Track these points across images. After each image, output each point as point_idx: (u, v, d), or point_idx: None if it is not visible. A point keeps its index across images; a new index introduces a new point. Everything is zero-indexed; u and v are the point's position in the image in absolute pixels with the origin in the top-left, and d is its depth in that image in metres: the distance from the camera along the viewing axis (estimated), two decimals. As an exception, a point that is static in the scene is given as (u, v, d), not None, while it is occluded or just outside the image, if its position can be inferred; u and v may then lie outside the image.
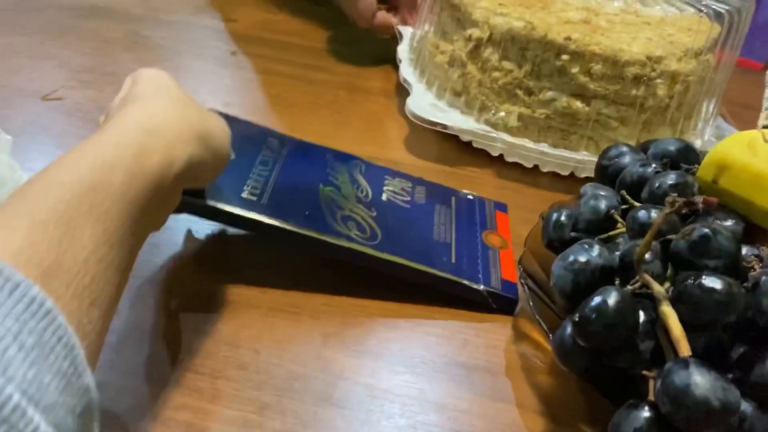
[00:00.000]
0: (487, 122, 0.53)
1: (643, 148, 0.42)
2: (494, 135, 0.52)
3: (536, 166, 0.53)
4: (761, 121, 0.51)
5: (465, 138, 0.53)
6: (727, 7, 0.52)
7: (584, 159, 0.51)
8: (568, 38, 0.48)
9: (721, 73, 0.54)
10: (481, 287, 0.39)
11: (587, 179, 0.49)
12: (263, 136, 0.44)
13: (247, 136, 0.43)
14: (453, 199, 0.46)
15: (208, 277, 0.39)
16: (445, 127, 0.52)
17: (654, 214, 0.32)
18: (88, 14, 0.69)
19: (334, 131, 0.55)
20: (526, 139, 0.51)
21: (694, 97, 0.52)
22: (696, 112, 0.54)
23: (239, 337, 0.36)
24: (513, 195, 0.50)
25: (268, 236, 0.38)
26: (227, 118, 0.44)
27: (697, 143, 0.55)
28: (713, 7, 0.52)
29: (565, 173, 0.52)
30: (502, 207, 0.47)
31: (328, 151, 0.46)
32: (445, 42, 0.56)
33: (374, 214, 0.41)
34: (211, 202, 0.37)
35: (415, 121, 0.52)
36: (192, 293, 0.38)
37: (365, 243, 0.39)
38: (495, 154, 0.53)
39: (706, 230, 0.29)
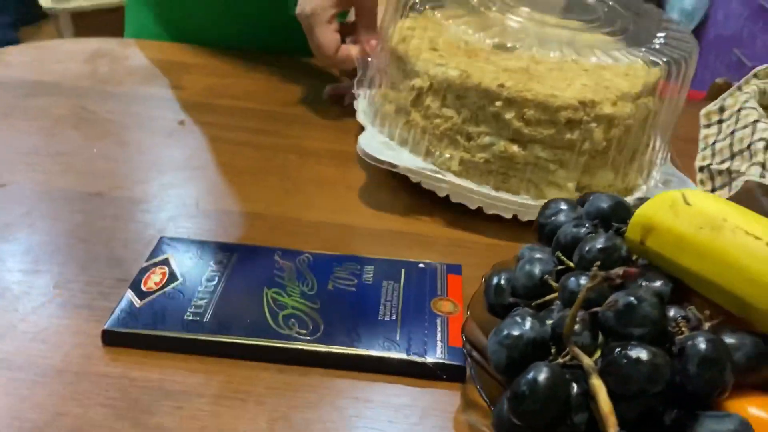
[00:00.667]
0: (433, 165, 0.54)
1: (582, 200, 0.43)
2: (441, 176, 0.53)
3: (481, 209, 0.54)
4: (697, 162, 0.52)
5: (414, 179, 0.55)
6: (664, 59, 0.53)
7: (526, 203, 0.52)
8: (501, 85, 0.49)
9: (666, 115, 0.56)
10: (427, 360, 0.39)
11: (530, 223, 0.50)
12: (212, 253, 0.46)
13: (195, 256, 0.46)
14: (403, 271, 0.46)
15: (150, 366, 0.39)
16: (393, 165, 0.53)
17: (583, 281, 0.33)
18: (36, 92, 0.69)
19: (284, 198, 0.55)
20: (470, 181, 0.53)
21: (635, 140, 0.53)
22: (640, 154, 0.55)
23: (185, 429, 0.35)
24: (463, 250, 0.51)
25: (211, 350, 0.40)
26: (173, 240, 0.47)
27: (642, 189, 0.56)
28: (651, 58, 0.53)
29: (508, 216, 0.53)
30: (454, 269, 0.48)
31: (276, 251, 0.47)
32: (393, 92, 0.57)
33: (318, 305, 0.42)
34: (154, 331, 0.39)
35: (366, 159, 0.53)
36: (133, 384, 0.38)
37: (306, 339, 0.40)
38: (442, 195, 0.54)
39: (631, 299, 0.30)
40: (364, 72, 0.62)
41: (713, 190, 0.51)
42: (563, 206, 0.42)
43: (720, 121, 0.55)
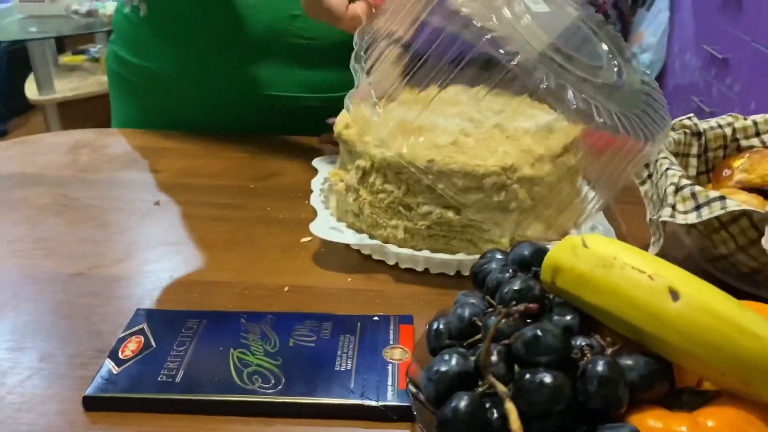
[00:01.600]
0: (381, 237, 0.60)
1: (513, 251, 0.48)
2: (385, 248, 0.59)
3: (428, 269, 0.59)
4: (647, 218, 0.57)
5: (365, 251, 0.61)
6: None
7: (465, 259, 0.58)
8: (430, 160, 0.55)
9: (601, 166, 0.61)
10: (379, 403, 0.43)
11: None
12: (183, 320, 0.51)
13: (167, 324, 0.51)
14: (359, 324, 0.51)
15: (127, 427, 0.43)
16: (346, 244, 0.60)
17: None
18: (20, 184, 0.74)
19: (250, 266, 0.60)
20: (411, 250, 0.59)
21: (561, 194, 0.59)
22: (569, 206, 0.60)
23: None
24: (414, 302, 0.56)
25: (183, 408, 0.44)
26: (150, 312, 0.52)
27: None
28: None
29: (452, 273, 0.58)
30: (406, 319, 0.52)
31: (242, 314, 0.52)
32: (343, 171, 0.63)
33: (279, 362, 0.47)
34: (131, 394, 0.44)
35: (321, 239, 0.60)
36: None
37: (269, 393, 0.44)
38: (391, 263, 0.60)
39: (536, 331, 0.35)
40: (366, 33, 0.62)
41: (659, 238, 0.55)
42: (497, 255, 0.47)
43: (649, 176, 0.60)
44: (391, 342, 0.49)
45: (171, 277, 0.58)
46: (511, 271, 0.43)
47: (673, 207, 0.51)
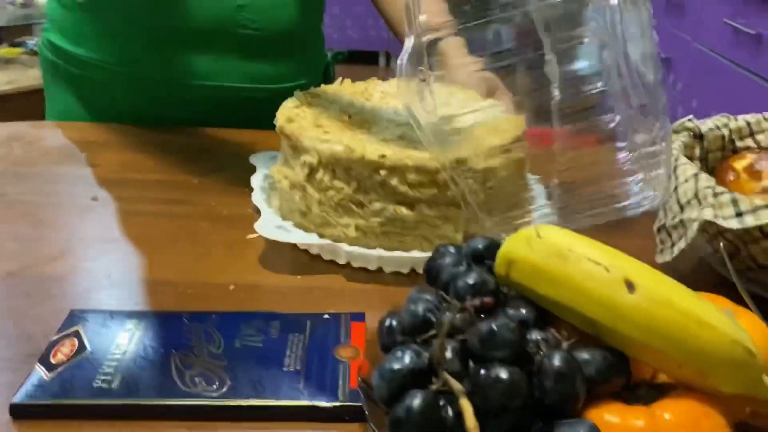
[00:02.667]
0: (331, 236, 0.57)
1: (467, 245, 0.47)
2: (336, 247, 0.56)
3: (381, 268, 0.57)
4: (654, 226, 0.56)
5: (314, 251, 0.58)
6: None
7: (419, 257, 0.56)
8: (383, 156, 0.53)
9: (547, 162, 0.61)
10: (330, 404, 0.42)
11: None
12: (121, 322, 0.48)
13: (104, 325, 0.48)
14: (309, 323, 0.49)
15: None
16: (293, 244, 0.57)
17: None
18: (-55, 179, 0.70)
19: (194, 263, 0.58)
20: (363, 247, 0.56)
21: (516, 188, 0.58)
22: (520, 202, 0.60)
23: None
24: (367, 300, 0.54)
25: (121, 414, 0.41)
26: (83, 312, 0.49)
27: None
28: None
29: (406, 271, 0.57)
30: (358, 317, 0.50)
31: (184, 315, 0.49)
32: (287, 168, 0.61)
33: (224, 363, 0.44)
34: (63, 400, 0.41)
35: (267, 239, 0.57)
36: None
37: (213, 395, 0.42)
38: (342, 262, 0.57)
39: (491, 325, 0.34)
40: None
41: (673, 245, 0.55)
42: (451, 250, 0.46)
43: None
44: (342, 340, 0.48)
45: (109, 276, 0.55)
46: (465, 265, 0.42)
47: (714, 207, 0.50)
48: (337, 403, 0.42)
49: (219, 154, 0.78)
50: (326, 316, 0.50)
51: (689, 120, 0.63)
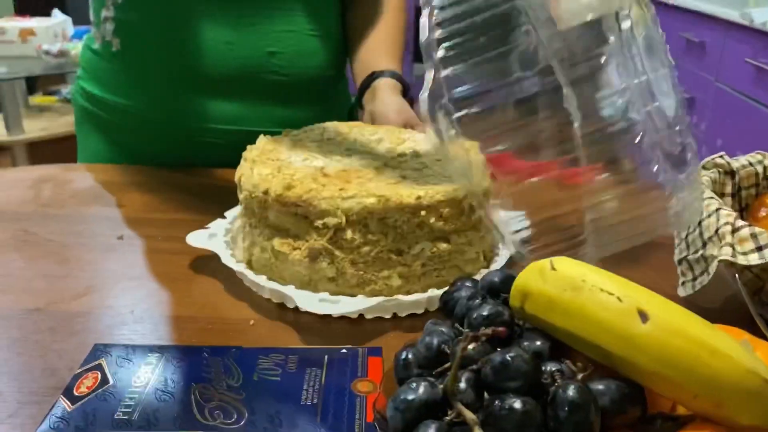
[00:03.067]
0: (372, 292, 0.56)
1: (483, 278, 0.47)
2: (385, 305, 0.55)
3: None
4: (675, 257, 0.56)
5: (369, 316, 0.56)
6: None
7: (433, 296, 0.56)
8: (419, 197, 0.54)
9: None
10: (345, 437, 0.42)
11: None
12: (143, 355, 0.49)
13: (127, 359, 0.48)
14: (326, 357, 0.49)
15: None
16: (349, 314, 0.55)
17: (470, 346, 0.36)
18: (-22, 219, 0.72)
19: (215, 299, 0.58)
20: (404, 294, 0.56)
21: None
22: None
23: None
24: (384, 336, 0.54)
25: None
26: (106, 347, 0.50)
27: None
28: None
29: (434, 308, 0.57)
30: (375, 351, 0.51)
31: (205, 349, 0.50)
32: (293, 241, 0.57)
33: (243, 396, 0.45)
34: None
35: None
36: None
37: (230, 428, 0.42)
38: (388, 316, 0.56)
39: (505, 356, 0.34)
40: None
41: (694, 279, 0.55)
42: (467, 283, 0.47)
43: None
44: (359, 374, 0.48)
45: (132, 312, 0.56)
46: (480, 298, 0.42)
47: (733, 246, 0.50)
48: (354, 437, 0.42)
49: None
50: (343, 350, 0.50)
51: (720, 156, 0.63)
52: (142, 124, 0.86)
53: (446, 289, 0.48)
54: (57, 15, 2.94)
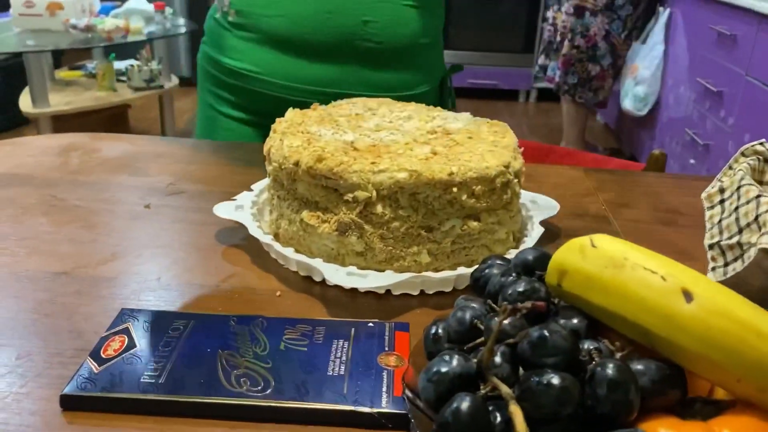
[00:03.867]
0: (400, 268, 0.56)
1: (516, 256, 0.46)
2: (413, 280, 0.55)
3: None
4: (706, 241, 0.55)
5: (396, 292, 0.56)
6: None
7: (463, 273, 0.56)
8: (451, 173, 0.53)
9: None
10: (373, 410, 0.41)
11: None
12: (169, 321, 0.49)
13: (153, 324, 0.49)
14: (353, 330, 0.49)
15: (106, 428, 0.41)
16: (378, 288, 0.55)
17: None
18: (6, 184, 0.72)
19: (242, 270, 0.58)
20: (433, 272, 0.55)
21: None
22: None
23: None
24: (411, 311, 0.54)
25: (166, 410, 0.42)
26: (133, 311, 0.50)
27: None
28: None
29: (462, 287, 0.57)
30: (402, 326, 0.50)
31: (233, 317, 0.50)
32: (321, 213, 0.56)
33: (269, 365, 0.45)
34: (111, 393, 0.41)
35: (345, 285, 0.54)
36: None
37: (256, 396, 0.42)
38: (415, 293, 0.56)
39: (543, 331, 0.33)
40: None
41: (726, 264, 0.53)
42: (497, 261, 0.46)
43: (722, 201, 0.58)
44: (386, 348, 0.47)
45: (158, 279, 0.56)
46: (514, 275, 0.41)
47: None
48: (381, 410, 0.41)
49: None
50: (370, 324, 0.50)
51: (760, 143, 0.62)
52: (250, 83, 0.93)
53: (477, 266, 0.47)
54: (84, -11, 2.95)
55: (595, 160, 1.02)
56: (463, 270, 0.55)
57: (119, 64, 3.02)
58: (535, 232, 0.61)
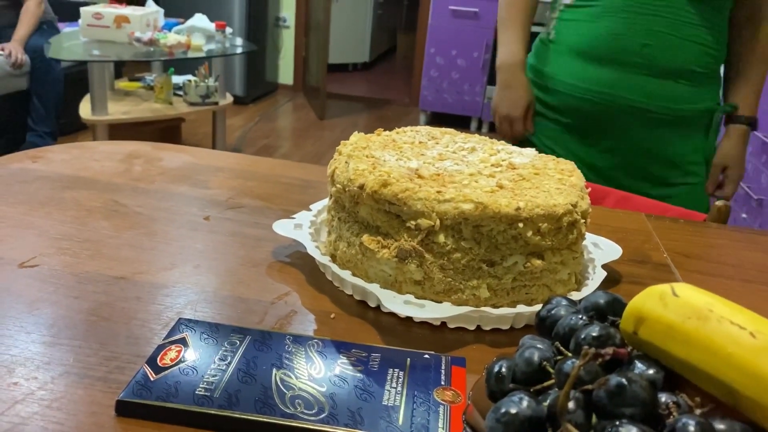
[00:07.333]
0: (458, 301, 0.55)
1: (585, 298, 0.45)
2: (470, 315, 0.54)
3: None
4: None
5: (451, 325, 0.55)
6: None
7: (524, 312, 0.54)
8: (518, 208, 0.52)
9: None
10: (428, 443, 0.40)
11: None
12: (226, 334, 0.49)
13: (210, 336, 0.48)
14: (408, 360, 0.48)
15: (162, 438, 0.40)
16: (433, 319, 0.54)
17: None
18: (72, 185, 0.74)
19: (298, 288, 0.58)
20: (504, 308, 0.54)
21: None
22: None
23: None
24: (466, 347, 0.52)
25: (218, 425, 0.41)
26: (190, 322, 0.49)
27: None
28: None
29: (520, 325, 0.56)
30: (459, 361, 0.49)
31: (288, 336, 0.49)
32: (381, 238, 0.56)
33: (324, 389, 0.44)
34: (167, 403, 0.41)
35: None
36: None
37: (311, 419, 0.41)
38: (472, 328, 0.55)
39: (622, 379, 0.32)
40: None
41: None
42: (563, 302, 0.44)
43: None
44: (442, 382, 0.46)
45: (215, 291, 0.56)
46: (585, 318, 0.40)
47: None
48: (437, 446, 0.40)
49: (325, 188, 0.79)
50: (426, 356, 0.49)
51: None
52: (559, 86, 1.17)
53: (542, 306, 0.46)
54: (150, 5, 3.05)
55: (654, 206, 1.00)
56: (522, 308, 0.54)
57: (177, 79, 3.09)
58: (597, 275, 0.59)
